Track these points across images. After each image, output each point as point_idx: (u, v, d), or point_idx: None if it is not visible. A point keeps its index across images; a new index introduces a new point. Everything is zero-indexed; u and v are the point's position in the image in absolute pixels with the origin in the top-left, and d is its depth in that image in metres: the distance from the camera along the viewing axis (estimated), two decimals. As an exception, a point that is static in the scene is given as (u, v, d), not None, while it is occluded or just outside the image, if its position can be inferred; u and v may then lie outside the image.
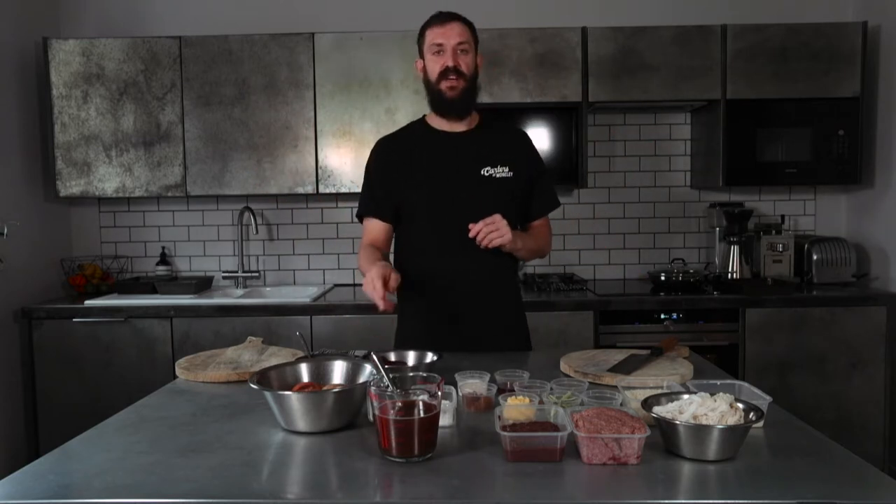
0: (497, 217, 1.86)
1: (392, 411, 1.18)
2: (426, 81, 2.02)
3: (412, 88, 3.28)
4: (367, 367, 1.50)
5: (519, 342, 2.09)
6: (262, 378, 1.42)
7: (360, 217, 2.14)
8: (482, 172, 2.01)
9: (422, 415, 1.17)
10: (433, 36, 1.97)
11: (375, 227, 2.08)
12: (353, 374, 1.51)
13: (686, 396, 1.27)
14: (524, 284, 3.40)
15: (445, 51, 1.94)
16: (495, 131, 2.10)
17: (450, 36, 1.94)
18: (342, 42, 3.28)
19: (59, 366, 3.10)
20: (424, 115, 2.10)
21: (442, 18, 1.97)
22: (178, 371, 1.80)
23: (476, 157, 2.02)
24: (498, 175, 2.01)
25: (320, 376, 1.51)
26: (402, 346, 1.99)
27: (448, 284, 2.01)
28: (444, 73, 1.94)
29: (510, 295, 2.11)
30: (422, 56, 2.03)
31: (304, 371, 1.51)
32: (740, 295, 3.11)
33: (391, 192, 2.05)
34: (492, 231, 1.85)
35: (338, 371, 1.54)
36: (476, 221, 1.86)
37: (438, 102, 2.00)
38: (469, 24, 1.99)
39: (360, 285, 3.62)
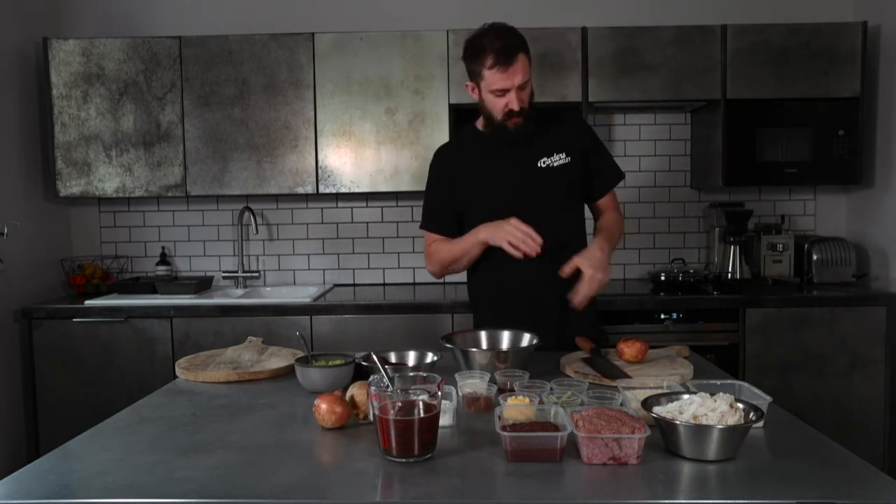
0: (589, 273, 1.83)
1: (392, 411, 1.18)
2: (485, 111, 1.99)
3: (412, 88, 3.28)
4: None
5: (598, 340, 1.98)
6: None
7: (421, 228, 2.16)
8: (539, 164, 2.01)
9: (422, 415, 1.17)
10: (495, 79, 1.90)
11: (435, 238, 2.12)
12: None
13: (686, 396, 1.28)
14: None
15: (510, 93, 1.91)
16: (546, 118, 2.07)
17: (514, 79, 1.89)
18: (342, 42, 3.28)
19: (59, 366, 3.10)
20: (474, 122, 2.10)
21: (506, 60, 1.87)
22: (178, 371, 1.81)
23: (531, 151, 2.02)
24: (556, 164, 2.01)
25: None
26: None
27: (518, 281, 2.00)
28: (510, 115, 1.93)
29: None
30: (472, 79, 1.97)
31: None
32: (740, 295, 3.11)
33: (451, 203, 2.08)
34: (594, 289, 1.85)
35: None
36: (536, 213, 1.89)
37: (503, 135, 1.98)
38: (526, 49, 1.94)
39: (360, 285, 3.64)
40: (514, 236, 1.83)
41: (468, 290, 2.21)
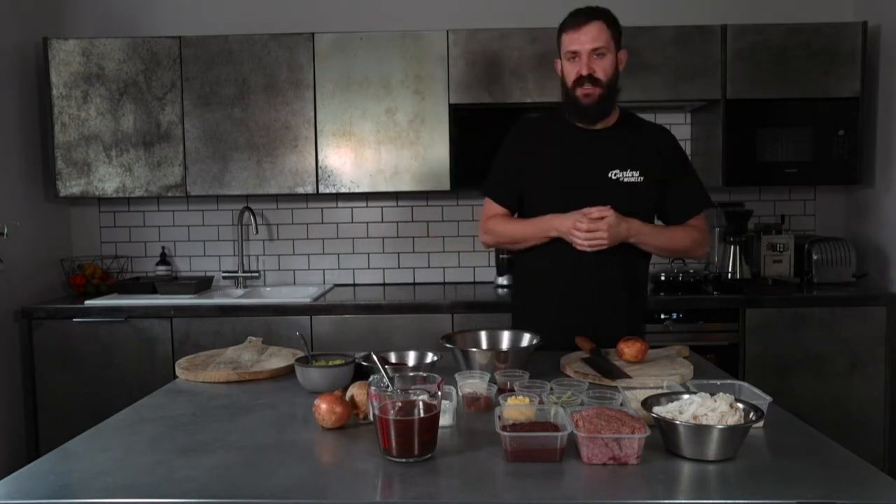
0: (601, 226, 1.82)
1: (392, 411, 1.18)
2: (563, 86, 1.96)
3: (412, 88, 3.28)
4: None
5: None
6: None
7: (484, 194, 2.13)
8: (609, 175, 1.95)
9: (422, 415, 1.17)
10: (568, 41, 1.89)
11: (497, 210, 2.09)
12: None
13: (686, 396, 1.28)
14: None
15: (580, 57, 1.88)
16: (633, 131, 2.02)
17: (584, 41, 1.86)
18: (342, 42, 3.28)
19: (59, 366, 3.10)
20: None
21: (577, 21, 1.88)
22: (178, 371, 1.80)
23: (606, 159, 1.96)
24: (626, 179, 1.95)
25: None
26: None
27: (562, 280, 1.99)
28: (579, 81, 1.89)
29: (627, 297, 2.04)
30: (560, 56, 1.96)
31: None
32: (740, 295, 3.11)
33: (518, 180, 2.04)
34: (589, 236, 1.83)
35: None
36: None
37: (573, 108, 1.94)
38: (609, 21, 1.90)
39: (360, 285, 3.64)
40: (588, 236, 1.84)
41: (513, 283, 2.18)
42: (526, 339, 1.77)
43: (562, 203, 1.96)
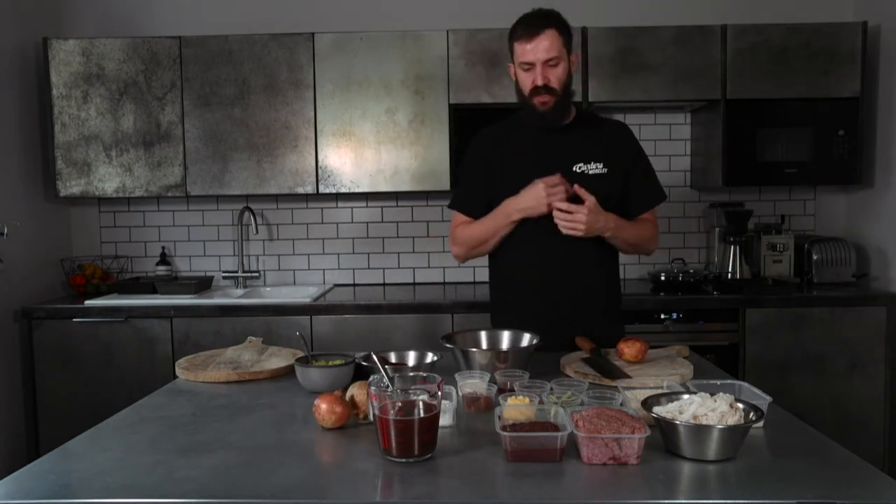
0: (582, 210, 1.84)
1: (392, 411, 1.18)
2: (518, 92, 1.99)
3: (412, 88, 3.28)
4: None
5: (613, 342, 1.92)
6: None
7: (450, 207, 2.16)
8: (574, 169, 1.98)
9: (422, 415, 1.17)
10: (521, 52, 1.91)
11: (462, 220, 2.11)
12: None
13: (686, 396, 1.27)
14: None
15: (534, 68, 1.90)
16: (592, 126, 2.06)
17: (538, 51, 1.88)
18: (342, 42, 3.28)
19: (59, 366, 3.10)
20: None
21: (529, 32, 1.89)
22: (178, 371, 1.80)
23: (568, 153, 1.99)
24: (591, 172, 1.98)
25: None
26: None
27: (539, 278, 2.00)
28: (535, 91, 1.92)
29: (602, 293, 2.06)
30: (512, 61, 1.98)
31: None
32: (740, 295, 3.11)
33: (485, 189, 2.05)
34: (566, 220, 1.85)
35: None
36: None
37: (531, 116, 1.97)
38: (560, 28, 1.91)
39: (360, 285, 3.64)
40: (552, 195, 1.86)
41: (490, 284, 2.19)
42: (526, 339, 1.77)
43: None
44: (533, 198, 1.90)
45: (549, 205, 1.87)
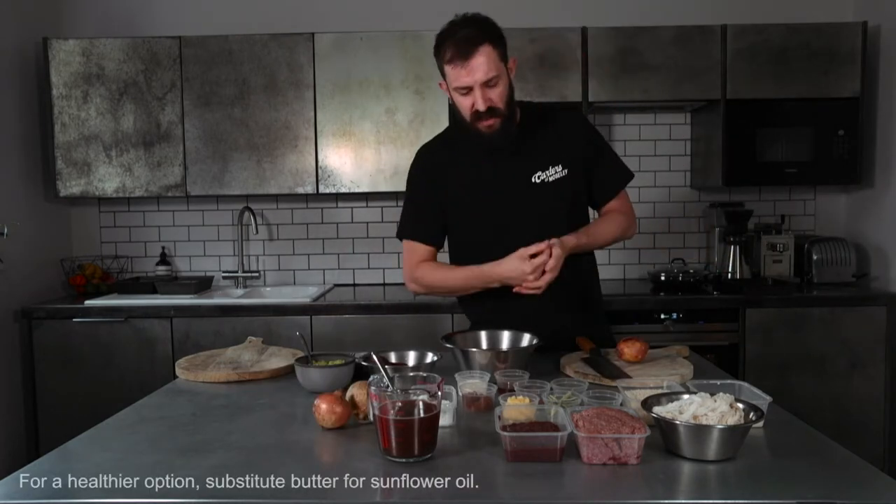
0: (553, 258, 1.67)
1: (392, 411, 1.18)
2: (458, 112, 1.81)
3: (412, 89, 3.28)
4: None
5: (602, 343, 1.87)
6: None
7: (401, 238, 1.96)
8: (534, 179, 1.84)
9: (422, 415, 1.17)
10: (455, 76, 1.72)
11: (420, 250, 1.92)
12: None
13: (686, 396, 1.27)
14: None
15: (472, 91, 1.72)
16: (542, 124, 1.88)
17: (475, 74, 1.69)
18: (342, 42, 3.28)
19: (59, 366, 3.10)
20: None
21: (462, 53, 1.69)
22: (178, 371, 1.80)
23: (525, 165, 1.84)
24: (552, 178, 1.84)
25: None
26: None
27: (508, 296, 1.78)
28: (478, 116, 1.75)
29: (583, 300, 1.96)
30: (444, 79, 1.80)
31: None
32: (740, 295, 3.11)
33: (437, 213, 1.90)
34: (543, 278, 1.68)
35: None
36: (534, 233, 1.71)
37: (478, 138, 1.79)
38: (494, 40, 1.72)
39: (360, 285, 3.64)
40: (534, 283, 1.69)
41: (460, 302, 2.05)
42: (526, 339, 1.77)
43: (491, 219, 1.86)
44: (516, 274, 1.71)
45: (532, 287, 1.70)
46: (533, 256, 1.69)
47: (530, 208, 1.85)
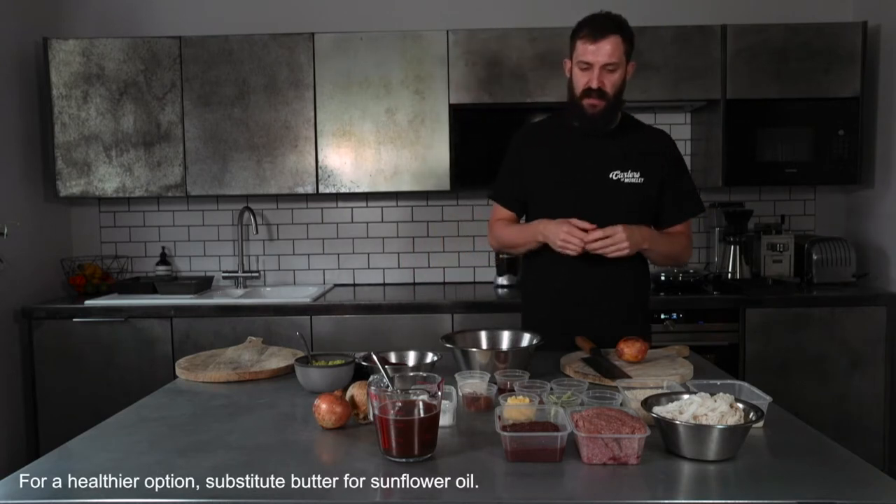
0: (618, 229, 1.84)
1: (392, 411, 1.18)
2: (570, 88, 1.99)
3: (412, 88, 3.28)
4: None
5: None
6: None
7: (490, 197, 2.20)
8: (611, 176, 1.99)
9: (422, 415, 1.18)
10: (583, 51, 1.91)
11: (503, 213, 2.15)
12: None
13: (686, 396, 1.28)
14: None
15: (592, 69, 1.90)
16: (633, 133, 2.06)
17: (599, 54, 1.88)
18: (342, 42, 3.28)
19: (59, 366, 3.10)
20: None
21: (595, 34, 1.89)
22: (178, 371, 1.81)
23: (607, 160, 1.99)
24: (627, 180, 1.99)
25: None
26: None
27: (570, 284, 2.01)
28: (587, 93, 1.92)
29: (634, 301, 2.08)
30: (570, 56, 1.98)
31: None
32: (740, 295, 3.11)
33: (521, 184, 2.09)
34: (608, 245, 1.85)
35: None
36: (598, 224, 1.86)
37: (578, 116, 1.97)
38: (625, 35, 1.91)
39: (360, 285, 3.64)
40: (564, 239, 1.86)
41: (521, 285, 2.21)
42: (526, 339, 1.77)
43: (564, 204, 1.99)
44: (552, 233, 1.90)
45: (563, 245, 1.87)
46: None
47: (601, 201, 1.98)
